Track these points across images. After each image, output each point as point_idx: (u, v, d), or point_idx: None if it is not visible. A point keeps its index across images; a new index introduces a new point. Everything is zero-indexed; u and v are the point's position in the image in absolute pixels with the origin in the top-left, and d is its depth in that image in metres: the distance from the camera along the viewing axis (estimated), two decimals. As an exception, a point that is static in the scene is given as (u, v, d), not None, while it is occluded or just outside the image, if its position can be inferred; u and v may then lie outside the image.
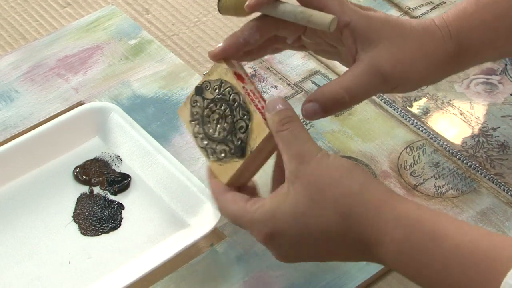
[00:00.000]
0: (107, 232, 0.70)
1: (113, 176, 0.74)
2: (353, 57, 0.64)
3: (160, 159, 0.73)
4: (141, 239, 0.69)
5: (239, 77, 0.62)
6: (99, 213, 0.71)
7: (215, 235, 0.69)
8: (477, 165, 0.75)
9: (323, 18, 0.60)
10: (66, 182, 0.73)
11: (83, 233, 0.70)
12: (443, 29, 0.65)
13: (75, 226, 0.70)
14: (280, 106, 0.59)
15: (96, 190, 0.73)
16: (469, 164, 0.75)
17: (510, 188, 0.73)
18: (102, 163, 0.75)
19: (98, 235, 0.70)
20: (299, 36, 0.66)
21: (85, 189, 0.73)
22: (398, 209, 0.55)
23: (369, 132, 0.78)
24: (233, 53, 0.64)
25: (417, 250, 0.54)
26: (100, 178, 0.74)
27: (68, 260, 0.68)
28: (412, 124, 0.79)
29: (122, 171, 0.74)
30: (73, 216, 0.71)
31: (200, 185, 0.71)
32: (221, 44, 0.64)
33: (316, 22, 0.61)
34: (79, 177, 0.74)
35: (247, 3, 0.62)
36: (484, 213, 0.71)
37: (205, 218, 0.69)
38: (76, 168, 0.74)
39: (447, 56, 0.65)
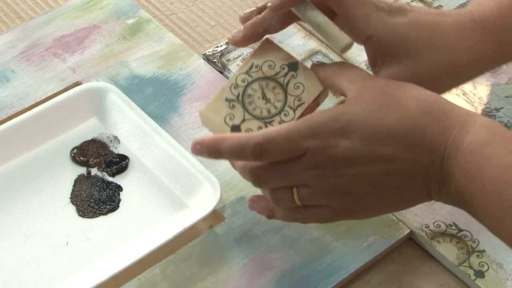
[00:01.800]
0: (105, 213, 0.69)
1: (111, 157, 0.73)
2: (373, 68, 0.61)
3: (159, 140, 0.72)
4: (140, 220, 0.69)
5: None
6: (97, 195, 0.71)
7: (214, 217, 0.69)
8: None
9: (338, 42, 0.59)
10: (63, 163, 0.73)
11: (80, 215, 0.69)
12: (483, 27, 0.59)
13: (72, 208, 0.70)
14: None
15: (94, 171, 0.72)
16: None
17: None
18: (100, 144, 0.74)
19: (96, 216, 0.69)
20: None
21: (82, 170, 0.72)
22: (484, 118, 0.53)
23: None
24: (252, 42, 0.61)
25: (494, 155, 0.50)
26: (98, 159, 0.73)
27: (66, 242, 0.67)
28: (414, 104, 0.78)
29: (120, 152, 0.73)
30: (70, 198, 0.70)
31: (199, 166, 0.70)
32: (241, 32, 0.61)
33: (331, 42, 0.60)
34: (77, 158, 0.73)
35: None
36: (487, 194, 0.70)
37: (204, 200, 0.68)
38: (73, 149, 0.74)
39: (485, 58, 0.60)
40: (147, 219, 0.69)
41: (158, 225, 0.68)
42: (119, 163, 0.72)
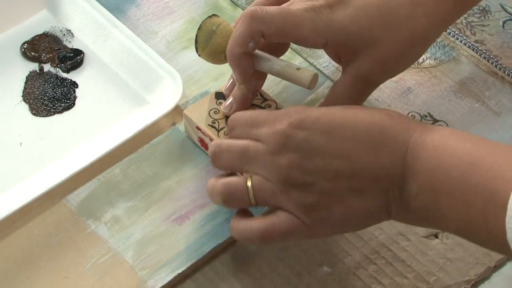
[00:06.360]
0: (60, 112, 0.67)
1: (64, 52, 0.70)
2: (342, 67, 0.61)
3: (115, 32, 0.70)
4: (97, 119, 0.67)
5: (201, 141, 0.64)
6: (50, 92, 0.68)
7: (177, 113, 0.67)
8: (456, 32, 0.72)
9: (302, 81, 0.59)
10: (13, 59, 0.70)
11: (34, 114, 0.67)
12: None
13: (25, 106, 0.68)
14: None
15: (47, 67, 0.70)
16: (447, 31, 0.72)
17: (491, 56, 0.71)
18: (52, 38, 0.72)
19: (51, 115, 0.67)
20: None
21: (34, 66, 0.70)
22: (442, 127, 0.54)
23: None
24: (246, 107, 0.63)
25: (455, 145, 0.51)
26: (51, 55, 0.71)
27: (19, 142, 0.65)
28: (387, -10, 0.74)
29: (74, 47, 0.71)
30: (22, 96, 0.68)
31: (159, 59, 0.68)
32: (233, 104, 0.63)
33: (296, 83, 0.60)
34: (28, 54, 0.71)
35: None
36: (463, 83, 0.69)
37: (165, 95, 0.67)
38: (23, 44, 0.71)
39: (446, 14, 0.60)
40: (105, 117, 0.67)
41: (117, 122, 0.66)
42: (74, 58, 0.70)
